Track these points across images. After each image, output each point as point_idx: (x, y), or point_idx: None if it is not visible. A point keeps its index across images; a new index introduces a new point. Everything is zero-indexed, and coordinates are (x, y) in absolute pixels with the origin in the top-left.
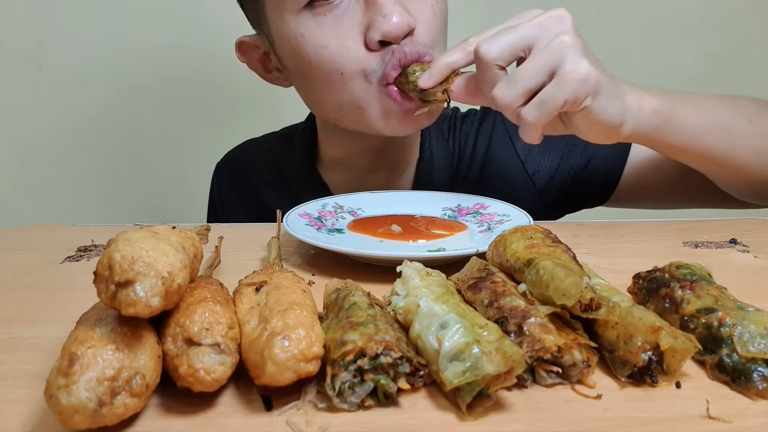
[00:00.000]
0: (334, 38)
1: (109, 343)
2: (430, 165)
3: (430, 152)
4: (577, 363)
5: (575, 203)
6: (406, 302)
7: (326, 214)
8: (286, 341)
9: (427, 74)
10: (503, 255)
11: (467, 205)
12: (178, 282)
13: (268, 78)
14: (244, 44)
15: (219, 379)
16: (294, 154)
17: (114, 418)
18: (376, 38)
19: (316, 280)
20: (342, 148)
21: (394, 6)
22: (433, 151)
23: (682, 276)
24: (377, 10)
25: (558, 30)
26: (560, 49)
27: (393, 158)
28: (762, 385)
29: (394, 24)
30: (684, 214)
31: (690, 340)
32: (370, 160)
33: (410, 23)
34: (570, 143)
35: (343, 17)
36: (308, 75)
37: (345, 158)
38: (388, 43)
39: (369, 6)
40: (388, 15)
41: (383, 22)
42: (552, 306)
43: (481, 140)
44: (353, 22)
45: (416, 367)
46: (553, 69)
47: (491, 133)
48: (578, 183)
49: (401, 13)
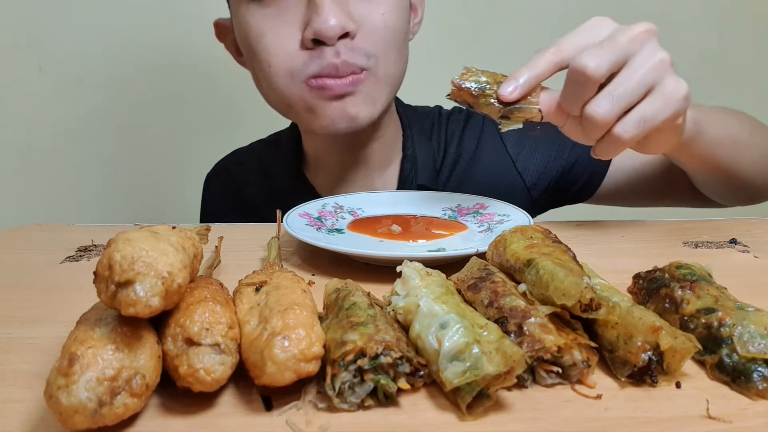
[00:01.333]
0: (272, 30)
1: (109, 343)
2: (414, 163)
3: (413, 151)
4: (577, 363)
5: (558, 200)
6: (406, 302)
7: (326, 214)
8: (286, 341)
9: (512, 85)
10: (503, 255)
11: (467, 205)
12: (178, 282)
13: (240, 61)
14: (219, 26)
15: (219, 379)
16: (280, 159)
17: (114, 418)
18: (309, 36)
19: (316, 280)
20: (319, 147)
21: (332, 7)
22: (416, 149)
23: (682, 276)
24: (315, 8)
25: (652, 46)
26: (661, 67)
27: (373, 157)
28: (762, 385)
29: (327, 22)
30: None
31: (690, 340)
32: (345, 158)
33: (346, 26)
34: (559, 142)
35: (285, 12)
36: (251, 63)
37: (324, 157)
38: (323, 44)
39: (310, 4)
40: (323, 15)
41: (317, 20)
42: (552, 306)
43: (469, 138)
44: (293, 18)
45: (416, 367)
46: (651, 86)
47: (480, 131)
48: (564, 181)
49: (337, 15)
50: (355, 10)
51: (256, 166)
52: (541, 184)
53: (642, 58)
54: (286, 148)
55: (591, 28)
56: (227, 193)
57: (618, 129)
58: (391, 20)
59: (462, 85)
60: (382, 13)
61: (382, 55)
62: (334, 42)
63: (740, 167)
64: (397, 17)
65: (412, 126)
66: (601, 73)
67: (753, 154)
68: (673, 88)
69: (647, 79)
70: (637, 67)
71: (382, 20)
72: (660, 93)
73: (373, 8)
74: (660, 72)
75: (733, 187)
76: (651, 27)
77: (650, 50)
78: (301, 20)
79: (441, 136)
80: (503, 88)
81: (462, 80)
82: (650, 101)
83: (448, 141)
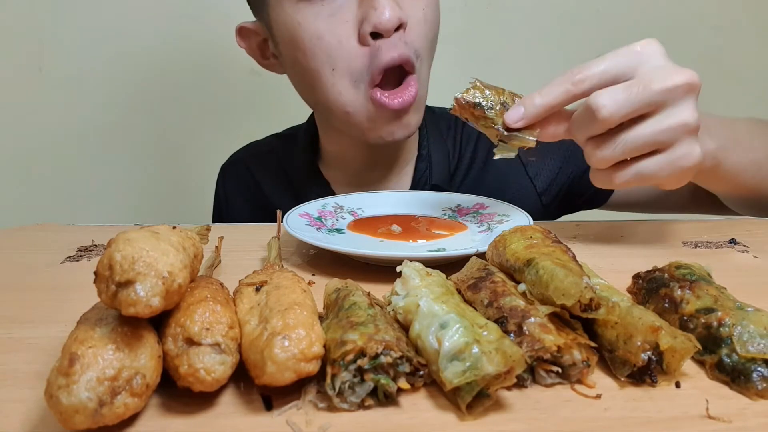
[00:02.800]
0: (329, 30)
1: (109, 343)
2: (429, 163)
3: (428, 151)
4: (576, 363)
5: (571, 206)
6: (406, 302)
7: (326, 214)
8: (287, 341)
9: (518, 112)
10: (503, 255)
11: (467, 205)
12: (178, 282)
13: (265, 64)
14: (244, 29)
15: (219, 379)
16: (296, 152)
17: (114, 417)
18: (368, 30)
19: (316, 280)
20: (340, 145)
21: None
22: (431, 149)
23: (681, 276)
24: (371, 3)
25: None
26: (681, 130)
27: (391, 156)
28: (761, 385)
29: (385, 17)
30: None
31: (690, 340)
32: (367, 157)
33: (401, 18)
34: (571, 149)
35: (339, 10)
36: (302, 64)
37: (343, 154)
38: (380, 37)
39: (363, 0)
40: (380, 8)
41: (375, 15)
42: (552, 306)
43: (483, 142)
44: (348, 16)
45: (416, 366)
46: (663, 145)
47: None
48: (576, 188)
49: (393, 8)
50: (403, 3)
51: (272, 160)
52: (552, 189)
53: (666, 115)
54: (303, 143)
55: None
56: (241, 184)
57: (615, 176)
58: (430, 15)
59: (464, 102)
60: (423, 8)
61: (424, 53)
62: (390, 34)
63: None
64: (434, 13)
65: (428, 126)
66: (614, 121)
67: None
68: (682, 154)
69: (660, 138)
70: (656, 124)
71: (423, 14)
72: (667, 155)
73: (416, 3)
74: (677, 135)
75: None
76: (694, 81)
77: (679, 109)
78: (354, 17)
79: (456, 138)
80: (509, 115)
81: (465, 96)
82: (654, 160)
83: (463, 144)
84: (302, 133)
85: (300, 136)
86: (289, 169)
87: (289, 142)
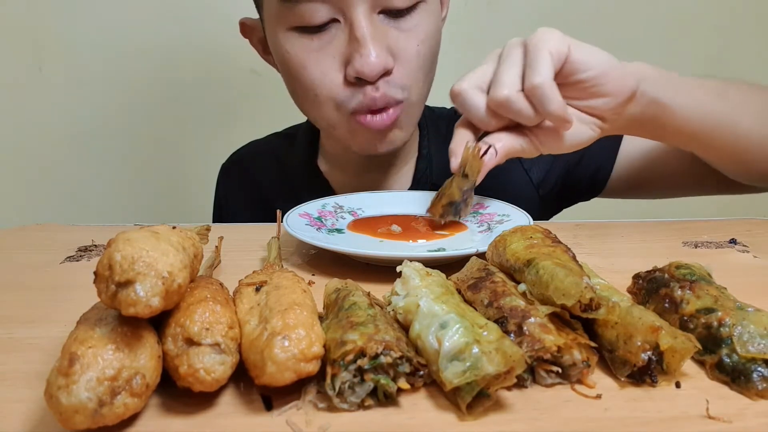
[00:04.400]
0: (315, 63)
1: (109, 343)
2: (429, 163)
3: (429, 150)
4: (576, 363)
5: (569, 197)
6: (406, 302)
7: (326, 214)
8: (286, 341)
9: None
10: (503, 255)
11: None
12: (178, 282)
13: (266, 59)
14: (245, 25)
15: (219, 379)
16: (296, 151)
17: (114, 418)
18: (352, 74)
19: (316, 280)
20: (339, 145)
21: (374, 45)
22: (432, 149)
23: (681, 276)
24: (357, 47)
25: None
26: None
27: (391, 156)
28: (762, 385)
29: (369, 65)
30: (684, 214)
31: (690, 340)
32: (367, 158)
33: (386, 65)
34: None
35: (327, 45)
36: (290, 84)
37: (343, 155)
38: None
39: (351, 40)
40: (365, 55)
41: (359, 61)
42: (552, 306)
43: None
44: (336, 52)
45: (416, 367)
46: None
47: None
48: (572, 177)
49: (378, 55)
50: (394, 43)
51: (272, 159)
52: (549, 180)
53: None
54: (303, 143)
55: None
56: (241, 183)
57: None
58: (424, 49)
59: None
60: (417, 45)
61: (415, 84)
62: (375, 80)
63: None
64: (431, 45)
65: (428, 126)
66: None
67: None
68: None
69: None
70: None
71: (416, 51)
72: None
73: (410, 40)
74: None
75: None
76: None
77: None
78: (342, 54)
79: None
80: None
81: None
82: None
83: None
84: (303, 133)
85: (300, 136)
86: (289, 168)
87: (290, 142)
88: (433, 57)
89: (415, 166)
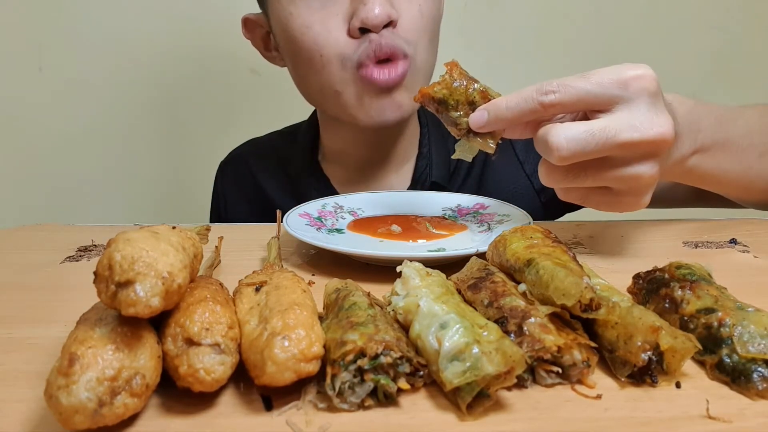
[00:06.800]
0: (319, 21)
1: (109, 343)
2: (429, 161)
3: (429, 149)
4: (577, 363)
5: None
6: (406, 302)
7: (326, 214)
8: (286, 341)
9: (483, 116)
10: (503, 255)
11: (467, 205)
12: (178, 282)
13: (268, 56)
14: (249, 21)
15: (219, 379)
16: (296, 148)
17: (114, 418)
18: (356, 25)
19: (316, 280)
20: (340, 140)
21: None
22: (432, 147)
23: (682, 276)
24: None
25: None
26: (633, 185)
27: (391, 152)
28: (762, 386)
29: (374, 13)
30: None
31: (690, 340)
32: (367, 153)
33: (390, 15)
34: None
35: (330, 3)
36: (293, 53)
37: (343, 150)
38: (369, 32)
39: None
40: (369, 3)
41: (363, 10)
42: (552, 306)
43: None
44: (339, 9)
45: (416, 367)
46: (614, 189)
47: None
48: None
49: (382, 4)
50: (396, 1)
51: (271, 156)
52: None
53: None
54: (304, 140)
55: (616, 88)
56: (240, 180)
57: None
58: (427, 11)
59: (429, 98)
60: (419, 4)
61: (420, 42)
62: (379, 30)
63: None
64: (432, 9)
65: (429, 124)
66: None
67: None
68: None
69: (612, 183)
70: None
71: (419, 10)
72: (614, 197)
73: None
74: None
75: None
76: (666, 137)
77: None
78: (346, 11)
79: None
80: (473, 118)
81: (431, 92)
82: (600, 197)
83: None
84: (303, 130)
85: (301, 133)
86: (289, 165)
87: (290, 139)
88: (435, 24)
89: (415, 164)
